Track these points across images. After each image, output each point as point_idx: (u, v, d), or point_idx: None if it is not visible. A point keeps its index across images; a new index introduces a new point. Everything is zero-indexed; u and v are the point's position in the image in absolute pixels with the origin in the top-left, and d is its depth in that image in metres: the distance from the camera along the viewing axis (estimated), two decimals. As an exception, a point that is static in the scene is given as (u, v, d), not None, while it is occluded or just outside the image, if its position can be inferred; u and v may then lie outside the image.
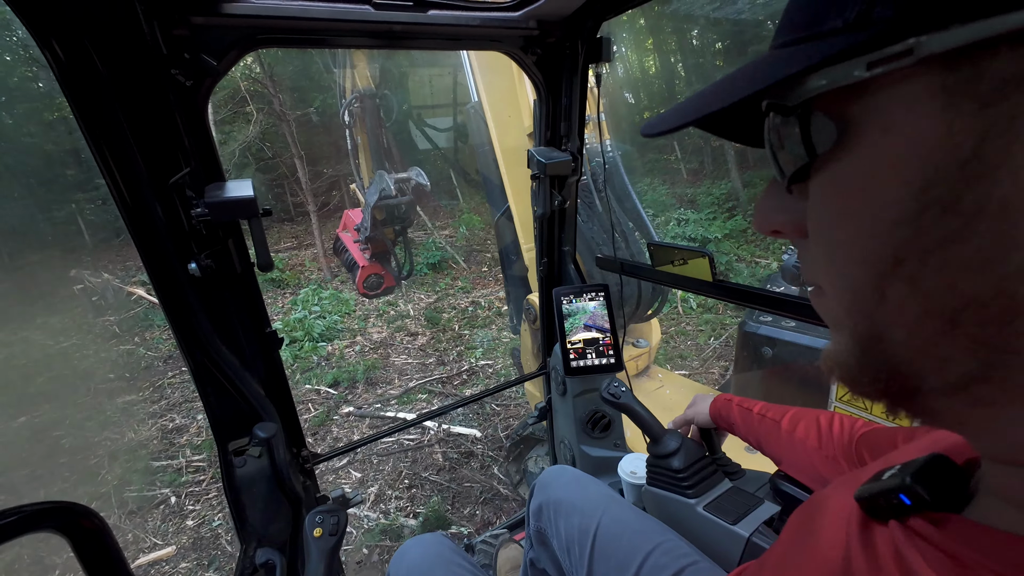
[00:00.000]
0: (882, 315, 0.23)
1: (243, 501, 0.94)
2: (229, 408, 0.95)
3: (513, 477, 2.79)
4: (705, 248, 1.06)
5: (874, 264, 0.22)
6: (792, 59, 0.22)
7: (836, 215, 0.24)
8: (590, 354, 1.29)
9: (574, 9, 1.04)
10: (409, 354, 4.94)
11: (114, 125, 0.71)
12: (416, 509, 2.84)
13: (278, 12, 0.81)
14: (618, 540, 0.82)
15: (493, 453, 3.28)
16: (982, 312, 0.19)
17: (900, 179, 0.20)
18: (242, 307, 0.94)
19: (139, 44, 0.70)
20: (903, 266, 0.21)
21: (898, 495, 0.29)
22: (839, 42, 0.20)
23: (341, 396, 3.91)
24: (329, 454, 1.22)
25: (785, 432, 0.75)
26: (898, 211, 0.20)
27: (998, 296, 0.18)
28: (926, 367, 0.22)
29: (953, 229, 0.19)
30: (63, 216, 8.23)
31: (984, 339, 0.19)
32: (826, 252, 0.25)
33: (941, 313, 0.20)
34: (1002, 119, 0.17)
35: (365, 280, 4.07)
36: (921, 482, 0.28)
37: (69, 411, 4.34)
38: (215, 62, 0.79)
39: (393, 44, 0.97)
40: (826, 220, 0.25)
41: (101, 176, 0.73)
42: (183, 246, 0.82)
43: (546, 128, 1.27)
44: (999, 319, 0.19)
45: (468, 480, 3.03)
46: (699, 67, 9.84)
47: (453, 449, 3.35)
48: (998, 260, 0.18)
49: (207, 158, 0.84)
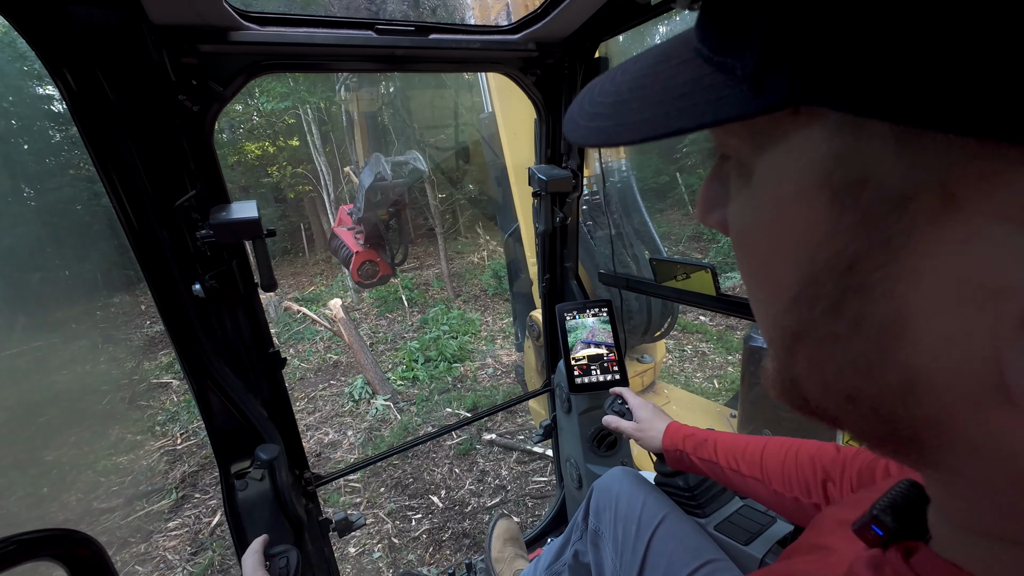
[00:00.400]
0: (794, 368, 0.22)
1: (244, 525, 0.92)
2: (231, 429, 0.94)
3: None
4: (708, 262, 1.05)
5: (781, 328, 0.21)
6: (693, 100, 0.19)
7: (744, 256, 0.23)
8: (595, 370, 1.28)
9: (572, 31, 1.06)
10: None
11: (122, 150, 0.73)
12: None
13: (284, 39, 0.83)
14: (670, 552, 0.81)
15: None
16: (870, 404, 0.19)
17: (791, 260, 0.19)
18: (246, 328, 0.94)
19: (148, 72, 0.72)
20: (804, 343, 0.20)
21: (871, 526, 0.29)
22: (732, 101, 0.17)
23: (481, 424, 3.82)
24: (331, 476, 1.21)
25: (752, 484, 0.75)
26: (795, 293, 0.19)
27: (881, 400, 0.18)
28: (843, 420, 0.21)
29: (841, 332, 0.18)
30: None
31: (883, 421, 0.19)
32: (746, 282, 0.24)
33: (839, 392, 0.20)
34: (881, 240, 0.16)
35: (360, 268, 3.90)
36: (889, 511, 0.29)
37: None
38: (222, 88, 0.81)
39: (395, 68, 0.99)
40: (737, 250, 0.23)
41: (108, 198, 0.74)
42: (188, 267, 0.83)
43: (546, 146, 1.29)
44: (889, 414, 0.19)
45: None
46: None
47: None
48: (877, 372, 0.18)
49: (212, 180, 0.85)
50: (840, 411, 0.21)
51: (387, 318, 6.84)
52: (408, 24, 0.93)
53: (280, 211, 10.92)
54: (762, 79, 0.16)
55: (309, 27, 0.86)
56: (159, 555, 2.99)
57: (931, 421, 0.18)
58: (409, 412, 4.28)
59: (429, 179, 7.71)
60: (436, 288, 7.89)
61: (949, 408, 0.17)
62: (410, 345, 5.45)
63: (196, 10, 0.72)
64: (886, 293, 0.16)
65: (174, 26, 0.73)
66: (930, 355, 0.16)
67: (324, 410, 4.56)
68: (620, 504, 0.92)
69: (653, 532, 0.84)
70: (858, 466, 0.61)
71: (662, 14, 0.94)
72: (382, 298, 7.23)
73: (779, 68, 0.15)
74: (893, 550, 0.28)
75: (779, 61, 0.15)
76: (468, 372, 4.99)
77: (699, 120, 0.18)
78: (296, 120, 9.01)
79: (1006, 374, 0.14)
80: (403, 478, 3.33)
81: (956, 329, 0.15)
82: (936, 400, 0.17)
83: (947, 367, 0.16)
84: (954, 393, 0.16)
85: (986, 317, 0.14)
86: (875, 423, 0.20)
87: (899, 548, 0.27)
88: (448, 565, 2.45)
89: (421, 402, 4.43)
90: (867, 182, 0.15)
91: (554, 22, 1.01)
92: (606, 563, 0.90)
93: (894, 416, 0.18)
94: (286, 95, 8.42)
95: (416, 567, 2.54)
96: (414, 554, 2.66)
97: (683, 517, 0.87)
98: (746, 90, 0.17)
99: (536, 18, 1.02)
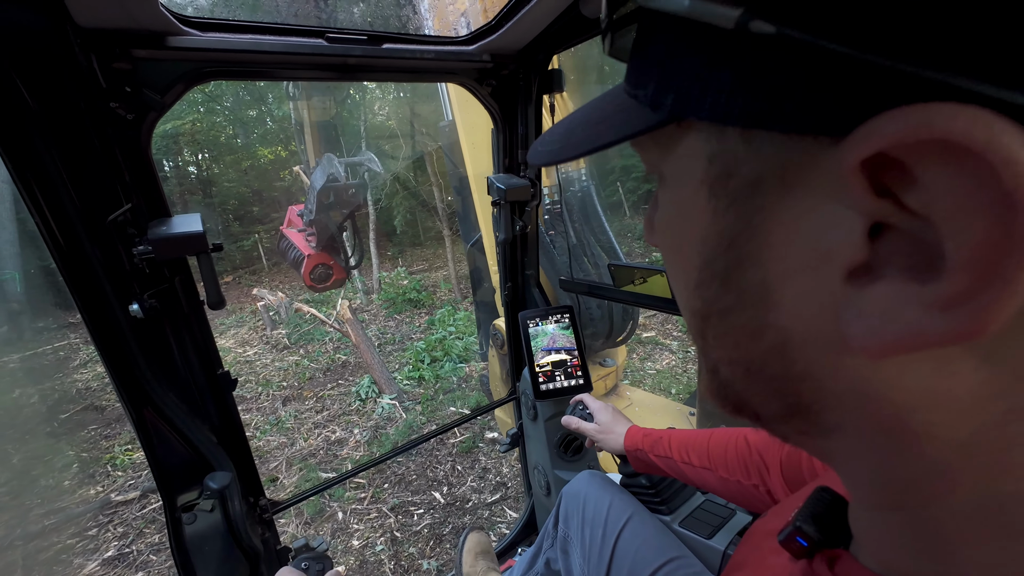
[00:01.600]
0: (708, 353, 0.25)
1: (194, 563, 0.86)
2: (177, 459, 0.87)
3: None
4: (663, 266, 1.09)
5: (694, 314, 0.25)
6: (616, 120, 0.24)
7: (666, 255, 0.27)
8: (559, 376, 1.29)
9: (526, 43, 1.08)
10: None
11: (45, 161, 0.67)
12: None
13: (227, 46, 0.79)
14: (635, 551, 0.82)
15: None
16: (761, 370, 0.22)
17: (694, 247, 0.23)
18: (191, 348, 0.88)
19: (74, 78, 0.67)
20: (710, 321, 0.24)
21: (795, 538, 0.29)
22: (640, 119, 0.22)
23: (484, 423, 3.83)
24: (289, 501, 1.15)
25: (703, 474, 0.78)
26: (696, 276, 0.23)
27: (766, 363, 0.22)
28: (751, 401, 0.24)
29: (731, 302, 0.22)
30: (248, 244, 10.57)
31: (774, 389, 0.22)
32: (671, 283, 0.28)
33: (739, 363, 0.23)
34: (745, 217, 0.20)
35: (312, 271, 3.75)
36: (810, 520, 0.29)
37: (253, 416, 4.60)
38: (159, 96, 0.76)
39: (347, 77, 0.97)
40: (664, 254, 0.27)
41: (29, 214, 0.68)
42: (123, 286, 0.77)
43: (504, 156, 1.30)
44: (776, 377, 0.22)
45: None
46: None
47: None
48: (759, 335, 0.21)
49: (150, 193, 0.80)
50: (747, 390, 0.24)
51: (395, 319, 6.90)
52: (360, 33, 0.91)
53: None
54: (658, 101, 0.21)
55: (255, 34, 0.82)
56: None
57: (804, 378, 0.20)
58: (414, 411, 4.32)
59: (437, 183, 7.82)
60: (444, 290, 7.99)
61: (814, 363, 0.20)
62: (416, 345, 5.50)
63: (129, 13, 0.67)
64: (755, 261, 0.20)
65: (104, 29, 0.68)
66: (790, 315, 0.19)
67: (332, 409, 4.59)
68: (587, 507, 0.93)
69: (619, 533, 0.85)
70: (787, 450, 0.65)
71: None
72: (390, 300, 7.30)
73: (667, 92, 0.20)
74: (818, 559, 0.28)
75: (667, 88, 0.21)
76: (473, 372, 5.03)
77: (618, 134, 0.23)
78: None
79: (840, 325, 0.18)
80: (407, 475, 3.36)
81: (805, 288, 0.18)
82: (803, 356, 0.20)
83: (804, 324, 0.19)
84: (814, 347, 0.19)
85: (822, 276, 0.18)
86: (771, 396, 0.23)
87: (823, 557, 0.28)
88: (448, 559, 2.50)
89: (426, 401, 4.46)
90: (731, 174, 0.20)
91: (508, 34, 1.02)
92: (575, 568, 0.91)
93: (779, 380, 0.21)
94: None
95: (416, 560, 2.58)
96: (415, 547, 2.69)
97: (648, 517, 0.89)
98: (648, 111, 0.22)
99: (491, 30, 1.03)
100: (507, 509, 2.89)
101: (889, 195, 0.15)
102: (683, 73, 0.20)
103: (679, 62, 0.20)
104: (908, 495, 0.21)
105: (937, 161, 0.14)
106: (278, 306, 6.57)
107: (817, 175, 0.17)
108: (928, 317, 0.15)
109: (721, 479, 0.75)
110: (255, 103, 10.55)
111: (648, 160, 0.26)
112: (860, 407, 0.19)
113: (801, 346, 0.20)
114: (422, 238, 11.11)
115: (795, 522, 0.29)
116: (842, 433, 0.21)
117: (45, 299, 6.52)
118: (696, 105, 0.19)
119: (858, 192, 0.16)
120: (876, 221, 0.16)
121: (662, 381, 4.29)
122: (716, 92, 0.18)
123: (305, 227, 3.82)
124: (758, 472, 0.69)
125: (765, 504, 0.69)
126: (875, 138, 0.14)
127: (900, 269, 0.16)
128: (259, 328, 6.97)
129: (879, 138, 0.14)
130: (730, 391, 0.25)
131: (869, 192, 0.15)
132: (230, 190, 10.82)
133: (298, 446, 4.04)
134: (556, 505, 1.02)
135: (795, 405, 0.22)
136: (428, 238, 10.88)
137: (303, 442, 4.09)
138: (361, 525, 2.94)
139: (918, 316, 0.15)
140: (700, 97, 0.19)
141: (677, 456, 0.81)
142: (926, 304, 0.15)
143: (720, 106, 0.18)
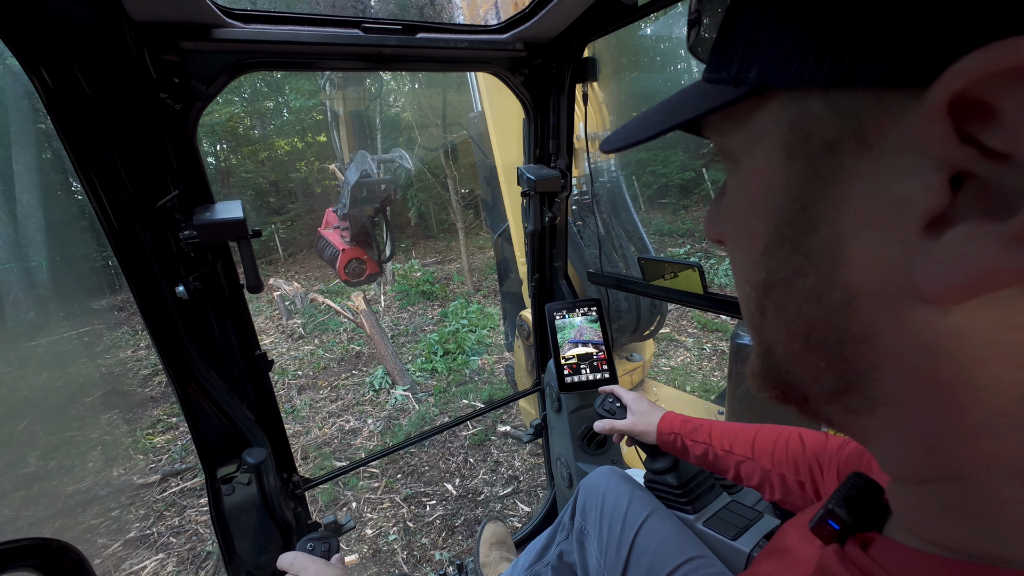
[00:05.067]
0: (765, 331, 0.26)
1: (231, 531, 0.91)
2: (217, 434, 0.92)
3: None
4: (695, 261, 1.06)
5: (755, 287, 0.25)
6: (695, 102, 0.26)
7: (732, 236, 0.28)
8: (584, 369, 1.29)
9: (560, 31, 1.06)
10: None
11: (101, 149, 0.71)
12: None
13: (268, 37, 0.82)
14: (655, 549, 0.82)
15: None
16: (822, 336, 0.23)
17: (763, 215, 0.24)
18: (231, 330, 0.93)
19: (128, 69, 0.70)
20: (773, 291, 0.24)
21: (827, 521, 0.30)
22: (719, 95, 0.23)
23: (496, 416, 3.91)
24: (320, 479, 1.19)
25: (744, 472, 0.77)
26: (765, 243, 0.24)
27: (830, 325, 0.22)
28: (804, 378, 0.25)
29: (798, 265, 0.22)
30: (265, 235, 10.26)
31: (832, 357, 0.23)
32: (733, 267, 0.28)
33: (798, 333, 0.24)
34: (821, 177, 0.20)
35: (347, 265, 3.87)
36: (842, 504, 0.30)
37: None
38: (204, 86, 0.80)
39: (382, 66, 0.98)
40: (728, 238, 0.28)
41: (88, 199, 0.72)
42: (171, 269, 0.81)
43: (535, 146, 1.29)
44: (836, 342, 0.22)
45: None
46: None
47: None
48: (825, 296, 0.22)
49: (196, 180, 0.84)
50: (802, 366, 0.24)
51: (408, 311, 6.95)
52: (395, 23, 0.92)
53: (308, 205, 11.38)
54: (741, 76, 0.22)
55: (294, 25, 0.84)
56: (192, 528, 3.11)
57: (865, 338, 0.21)
58: (427, 403, 4.36)
59: (451, 175, 7.87)
60: (457, 282, 8.00)
61: (878, 320, 0.20)
62: (430, 337, 5.53)
63: (177, 7, 0.70)
64: (827, 219, 0.21)
65: (155, 23, 0.72)
66: (860, 270, 0.20)
67: (346, 399, 4.66)
68: (606, 502, 0.93)
69: (638, 530, 0.85)
70: (845, 454, 0.63)
71: (649, 14, 0.95)
72: (403, 291, 7.37)
73: (751, 66, 0.22)
74: (851, 543, 0.28)
75: (751, 62, 0.22)
76: (485, 365, 5.04)
77: (695, 111, 0.24)
78: (323, 116, 9.39)
79: (914, 274, 0.18)
80: (419, 466, 3.41)
81: (879, 242, 0.19)
82: (868, 312, 0.21)
83: (873, 279, 0.20)
84: (881, 302, 0.20)
85: (896, 227, 0.18)
86: (827, 368, 0.23)
87: (856, 540, 0.28)
88: (460, 550, 2.53)
89: (439, 393, 4.50)
90: (810, 136, 0.20)
91: (542, 22, 1.01)
92: (591, 562, 0.91)
93: (838, 345, 0.22)
94: (314, 92, 8.55)
95: (429, 550, 2.62)
96: (427, 538, 2.72)
97: (668, 515, 0.88)
98: (730, 88, 0.23)
99: (524, 18, 1.02)
100: (519, 503, 2.89)
101: (971, 143, 0.16)
102: (769, 43, 0.21)
103: (766, 32, 0.21)
104: (953, 461, 0.21)
105: (1020, 88, 0.14)
106: (293, 296, 6.70)
107: (899, 130, 0.17)
108: (1007, 252, 0.15)
109: (763, 470, 0.73)
110: (272, 94, 10.72)
111: (720, 141, 0.27)
112: (919, 368, 0.20)
113: (868, 303, 0.20)
114: (435, 230, 11.09)
115: (827, 505, 0.30)
116: (893, 404, 0.22)
117: (72, 287, 6.80)
118: (781, 73, 0.20)
119: (942, 139, 0.16)
120: (957, 171, 0.16)
121: (676, 378, 4.18)
122: (803, 57, 0.19)
123: (340, 222, 3.93)
124: (808, 471, 0.68)
125: (805, 502, 0.68)
126: (962, 77, 0.15)
127: (978, 213, 0.16)
128: (275, 317, 7.03)
129: (965, 76, 0.15)
130: (781, 372, 0.25)
131: (954, 137, 0.16)
132: (248, 181, 10.96)
133: (313, 434, 4.06)
134: (573, 497, 1.02)
135: (850, 375, 0.22)
136: (441, 230, 10.79)
137: (318, 430, 4.10)
138: (375, 514, 2.99)
139: (998, 252, 0.16)
140: (786, 64, 0.20)
141: (717, 444, 0.80)
142: (1006, 239, 0.15)
143: (807, 68, 0.19)
